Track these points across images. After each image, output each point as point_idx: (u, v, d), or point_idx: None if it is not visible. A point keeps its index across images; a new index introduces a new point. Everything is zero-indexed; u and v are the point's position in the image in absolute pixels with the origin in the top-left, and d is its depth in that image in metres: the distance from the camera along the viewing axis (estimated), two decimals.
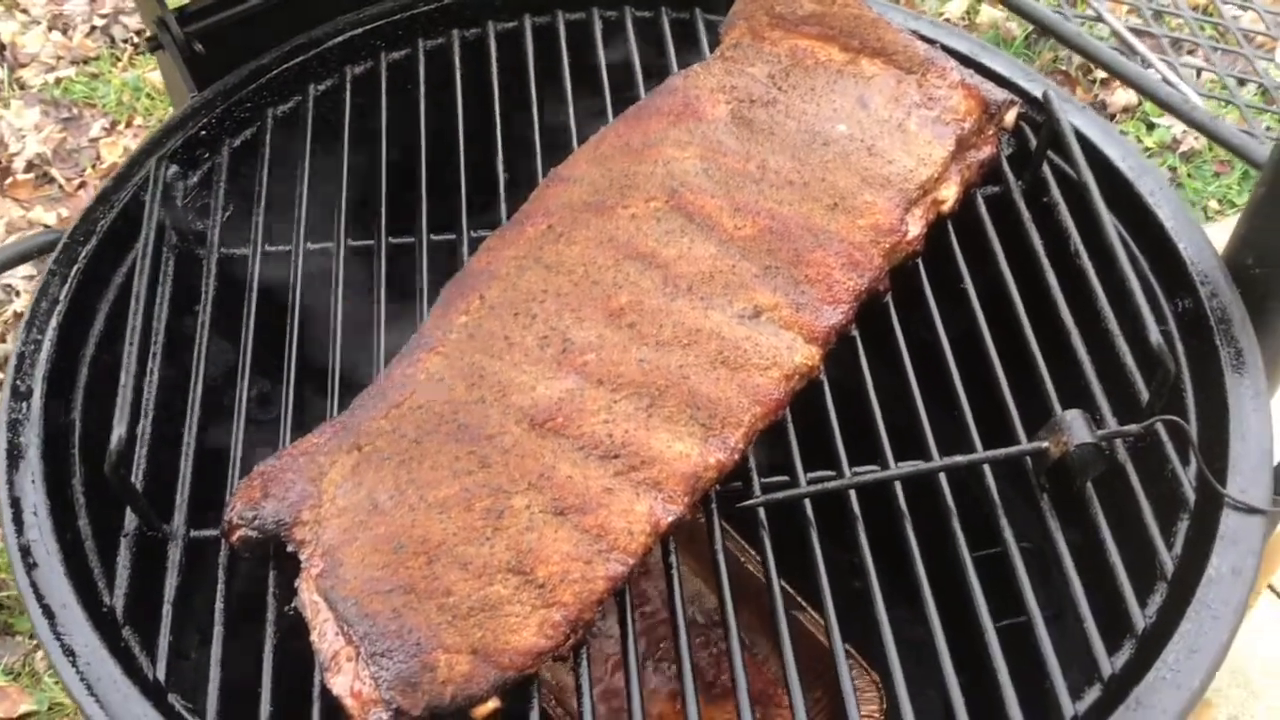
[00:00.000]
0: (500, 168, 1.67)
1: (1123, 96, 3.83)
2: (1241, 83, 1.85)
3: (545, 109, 1.75)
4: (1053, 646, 1.26)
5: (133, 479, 1.39)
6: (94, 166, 3.63)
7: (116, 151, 3.65)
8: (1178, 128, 3.73)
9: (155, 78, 3.77)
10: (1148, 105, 3.79)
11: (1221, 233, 1.59)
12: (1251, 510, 1.31)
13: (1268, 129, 1.77)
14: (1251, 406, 1.40)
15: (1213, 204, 3.58)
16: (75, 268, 1.57)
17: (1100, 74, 3.85)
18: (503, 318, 1.41)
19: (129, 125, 3.74)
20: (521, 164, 1.67)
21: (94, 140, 3.71)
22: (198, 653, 1.34)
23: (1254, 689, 2.52)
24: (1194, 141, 3.71)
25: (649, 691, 1.87)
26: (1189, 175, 3.64)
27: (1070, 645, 1.31)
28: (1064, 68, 3.88)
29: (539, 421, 1.32)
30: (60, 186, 3.57)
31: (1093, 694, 1.25)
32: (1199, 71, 2.10)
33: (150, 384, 1.48)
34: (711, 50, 1.76)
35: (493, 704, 1.18)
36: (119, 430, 1.27)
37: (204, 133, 1.73)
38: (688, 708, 1.24)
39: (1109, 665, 1.24)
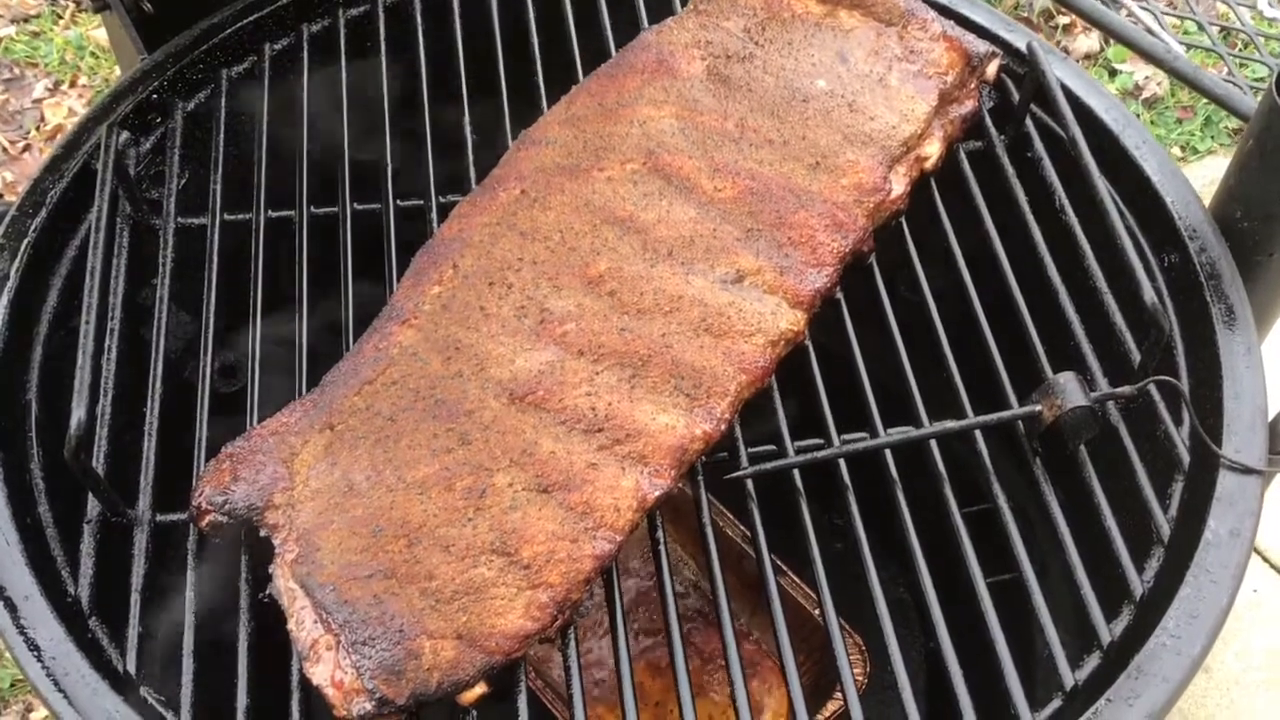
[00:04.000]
0: (468, 129, 1.61)
1: (1085, 43, 3.80)
2: (1200, 27, 1.82)
3: (512, 66, 1.68)
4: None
5: (94, 463, 1.33)
6: (38, 128, 3.52)
7: (61, 112, 3.54)
8: (1140, 74, 3.71)
9: (99, 35, 3.65)
10: (1110, 51, 3.76)
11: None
12: (1247, 470, 1.29)
13: (1249, 70, 1.73)
14: (1244, 364, 1.37)
15: (1175, 150, 3.57)
16: (25, 241, 1.49)
17: (1063, 20, 3.82)
18: (477, 288, 1.36)
19: (73, 85, 3.63)
20: (490, 125, 1.61)
21: (37, 101, 3.59)
22: (169, 643, 1.29)
23: (1224, 635, 2.53)
24: (1156, 88, 3.69)
25: None
26: (1151, 122, 3.62)
27: (1054, 604, 1.29)
28: (1025, 14, 3.84)
29: (519, 395, 1.27)
30: (4, 149, 3.46)
31: (1092, 662, 1.22)
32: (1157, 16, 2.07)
33: (109, 362, 1.42)
34: (684, 3, 1.70)
35: (480, 689, 1.15)
36: (78, 413, 1.21)
37: (155, 96, 1.65)
38: (679, 683, 1.20)
39: (1108, 633, 1.22)
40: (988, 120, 1.59)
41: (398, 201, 1.55)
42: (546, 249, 1.38)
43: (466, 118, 1.62)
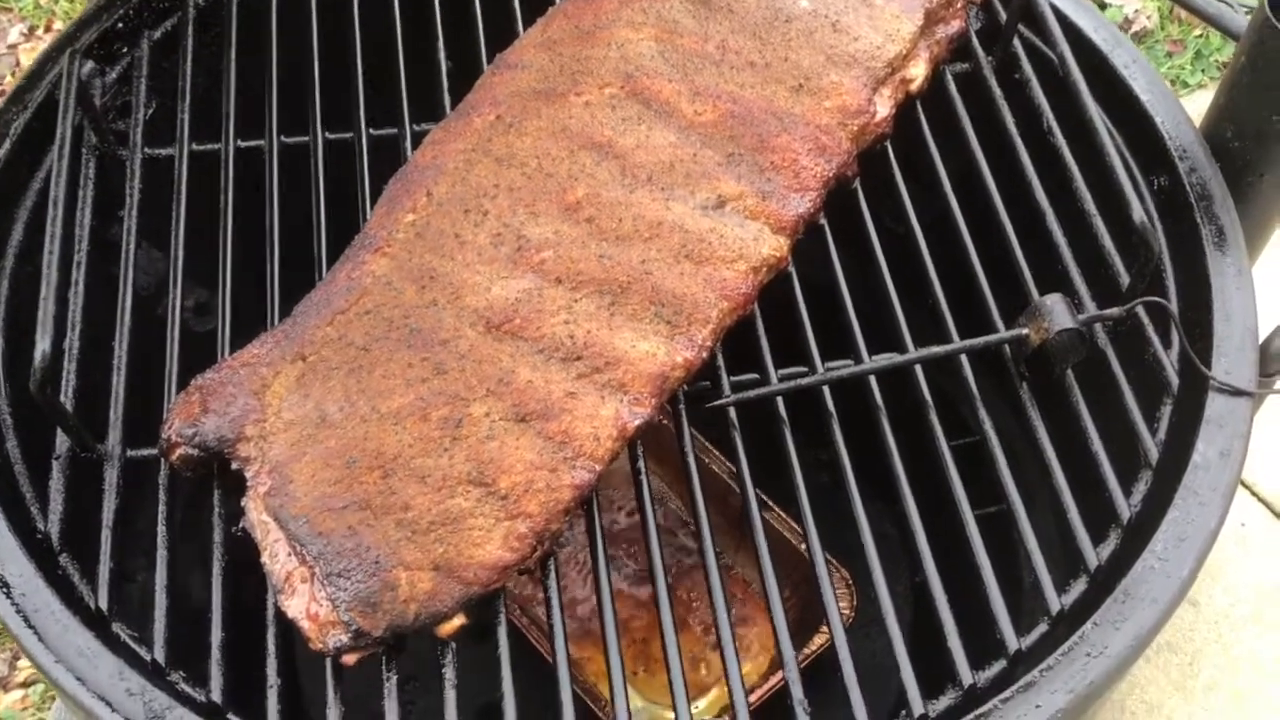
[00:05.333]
0: (442, 55, 1.57)
1: None
2: None
3: None
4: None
5: (62, 397, 1.30)
6: (13, 74, 3.45)
7: (36, 57, 3.47)
8: (1130, 6, 3.67)
9: None
10: None
11: None
12: (1237, 392, 1.27)
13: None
14: (1235, 285, 1.35)
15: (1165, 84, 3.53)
16: None
17: None
18: (452, 215, 1.32)
19: (48, 30, 3.56)
20: (464, 51, 1.57)
21: (12, 47, 3.53)
22: (142, 578, 1.27)
23: (1211, 571, 2.53)
24: (1146, 21, 3.65)
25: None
26: None
27: (1041, 534, 1.28)
28: None
29: (495, 324, 1.24)
30: None
31: (1079, 586, 1.21)
32: None
33: (75, 295, 1.39)
34: None
35: (458, 621, 1.13)
36: (42, 345, 1.18)
37: (121, 25, 1.61)
38: (662, 618, 1.19)
39: (1095, 557, 1.21)
40: (974, 41, 1.55)
41: (370, 130, 1.51)
42: (523, 175, 1.35)
43: (440, 43, 1.58)
